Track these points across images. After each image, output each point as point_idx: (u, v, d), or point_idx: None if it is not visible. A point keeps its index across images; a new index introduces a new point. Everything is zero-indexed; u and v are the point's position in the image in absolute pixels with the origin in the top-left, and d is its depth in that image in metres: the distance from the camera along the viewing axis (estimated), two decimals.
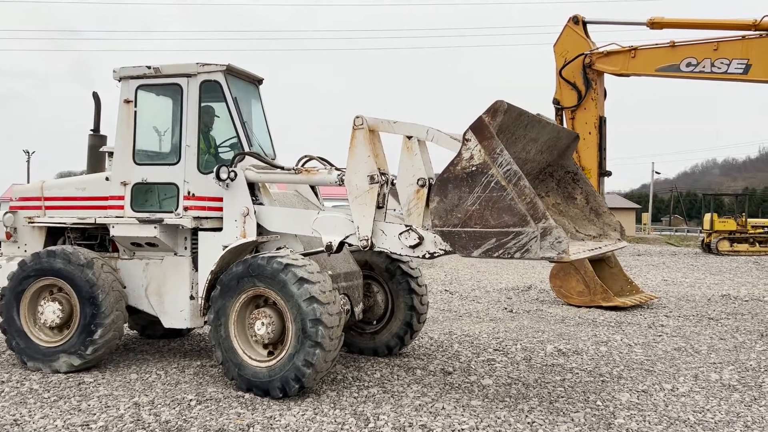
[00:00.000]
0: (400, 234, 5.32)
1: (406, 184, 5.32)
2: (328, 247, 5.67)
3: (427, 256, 5.21)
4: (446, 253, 5.10)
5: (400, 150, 5.37)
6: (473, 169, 4.68)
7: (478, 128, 4.68)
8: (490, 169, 4.61)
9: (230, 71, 6.36)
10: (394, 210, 6.49)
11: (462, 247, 4.82)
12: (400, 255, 5.69)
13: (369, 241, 5.45)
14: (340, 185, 5.76)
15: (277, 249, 5.99)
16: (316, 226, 5.78)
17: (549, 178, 6.31)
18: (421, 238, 5.20)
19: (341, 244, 5.67)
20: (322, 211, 6.05)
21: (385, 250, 5.50)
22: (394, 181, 5.54)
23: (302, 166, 6.34)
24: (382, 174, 5.48)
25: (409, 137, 5.31)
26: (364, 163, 5.45)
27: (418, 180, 5.27)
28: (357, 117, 5.49)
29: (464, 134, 4.73)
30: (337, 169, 6.04)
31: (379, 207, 5.48)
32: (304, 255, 5.91)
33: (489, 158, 4.62)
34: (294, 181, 6.33)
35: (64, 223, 6.77)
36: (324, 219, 5.77)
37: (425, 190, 5.23)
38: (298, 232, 6.02)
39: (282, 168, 6.25)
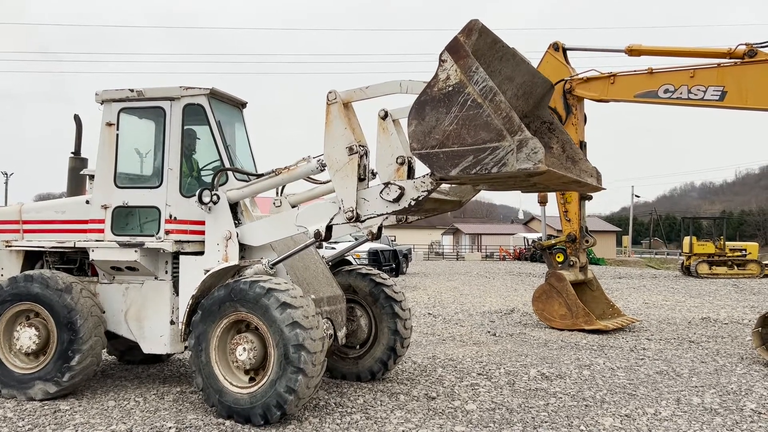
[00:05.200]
0: (381, 192, 5.28)
1: (386, 164, 5.30)
2: (317, 235, 5.62)
3: (413, 203, 5.16)
4: (429, 193, 5.06)
5: (376, 133, 5.36)
6: (450, 89, 4.65)
7: (453, 48, 4.65)
8: (467, 87, 4.58)
9: (214, 95, 6.36)
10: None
11: (440, 167, 4.75)
12: (386, 215, 5.49)
13: (354, 212, 5.41)
14: (321, 171, 5.75)
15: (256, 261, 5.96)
16: (300, 221, 5.76)
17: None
18: (401, 188, 5.18)
19: (329, 228, 5.62)
20: (302, 206, 6.03)
21: (372, 216, 5.43)
22: (374, 171, 5.53)
23: (283, 187, 6.38)
24: (361, 146, 5.46)
25: (384, 117, 5.30)
26: (341, 136, 5.44)
27: (397, 158, 5.25)
28: (330, 92, 5.49)
29: (440, 55, 4.70)
30: (314, 157, 6.00)
31: (360, 179, 5.44)
32: (285, 258, 5.87)
33: (465, 77, 4.58)
34: (277, 184, 6.24)
35: (43, 247, 6.67)
36: (305, 212, 5.79)
37: (405, 167, 5.22)
38: (285, 236, 5.99)
39: (262, 175, 6.21)
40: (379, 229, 5.80)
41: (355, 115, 5.60)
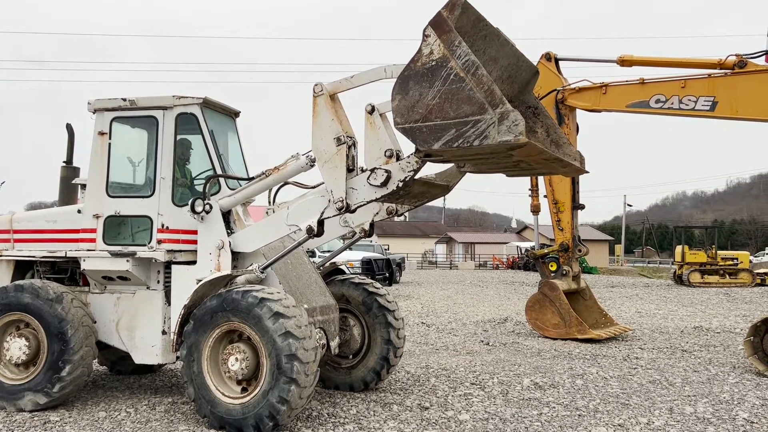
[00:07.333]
0: (368, 178, 5.26)
1: (374, 158, 5.28)
2: (309, 230, 5.60)
3: (400, 185, 5.15)
4: (415, 172, 5.06)
5: (363, 128, 5.36)
6: (433, 64, 4.66)
7: (437, 23, 4.66)
8: (449, 62, 4.59)
9: (207, 104, 6.36)
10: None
11: (423, 141, 4.74)
12: (375, 199, 5.44)
13: (344, 201, 5.39)
14: (312, 166, 5.74)
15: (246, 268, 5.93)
16: (291, 220, 5.75)
17: None
18: (388, 171, 5.17)
19: (320, 223, 5.61)
20: (291, 204, 6.02)
21: (362, 203, 5.40)
22: (364, 168, 5.51)
23: (275, 195, 6.37)
24: (349, 136, 5.45)
25: (371, 112, 5.30)
26: (329, 127, 5.44)
27: (386, 152, 5.24)
28: (316, 84, 5.49)
29: (424, 30, 4.71)
30: (302, 154, 5.96)
31: (349, 170, 5.42)
32: (276, 260, 5.86)
33: (448, 51, 4.59)
34: (269, 185, 6.18)
35: (34, 257, 6.63)
36: (295, 209, 5.78)
37: (394, 160, 5.21)
38: (278, 237, 5.97)
39: (252, 179, 6.17)
40: (371, 226, 5.76)
41: (342, 107, 5.61)
